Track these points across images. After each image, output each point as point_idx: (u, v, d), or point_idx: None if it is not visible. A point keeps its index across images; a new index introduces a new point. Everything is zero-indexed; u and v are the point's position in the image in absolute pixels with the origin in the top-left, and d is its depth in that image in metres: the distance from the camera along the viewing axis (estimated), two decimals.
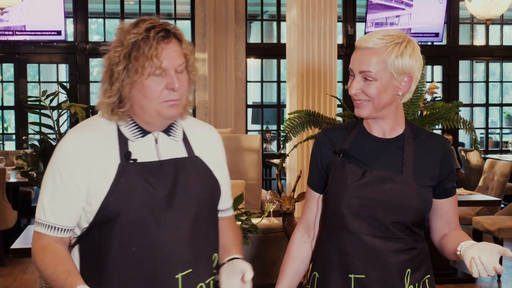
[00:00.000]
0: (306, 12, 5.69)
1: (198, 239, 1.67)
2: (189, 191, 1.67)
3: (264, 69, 9.49)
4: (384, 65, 1.81)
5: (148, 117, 1.66)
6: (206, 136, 1.82)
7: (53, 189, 1.65)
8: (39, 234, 1.68)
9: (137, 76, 1.60)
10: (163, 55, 1.60)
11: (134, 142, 1.68)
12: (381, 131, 1.92)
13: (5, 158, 7.41)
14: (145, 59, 1.59)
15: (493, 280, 5.65)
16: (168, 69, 1.62)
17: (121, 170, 1.62)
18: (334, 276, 1.88)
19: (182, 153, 1.72)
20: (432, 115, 3.69)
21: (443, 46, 9.49)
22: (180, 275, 1.63)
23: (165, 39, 1.62)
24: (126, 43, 1.60)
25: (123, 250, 1.61)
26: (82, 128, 1.71)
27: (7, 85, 9.31)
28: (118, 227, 1.60)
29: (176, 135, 1.74)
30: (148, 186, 1.63)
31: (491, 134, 10.45)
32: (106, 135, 1.67)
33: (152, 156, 1.68)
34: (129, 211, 1.60)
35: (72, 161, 1.63)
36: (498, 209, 6.40)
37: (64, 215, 1.65)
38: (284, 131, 3.95)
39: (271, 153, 9.11)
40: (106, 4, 8.68)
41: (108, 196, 1.60)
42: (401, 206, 1.83)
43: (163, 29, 1.62)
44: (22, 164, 5.12)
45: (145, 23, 1.62)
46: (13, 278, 5.71)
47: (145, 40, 1.59)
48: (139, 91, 1.62)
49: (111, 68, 1.62)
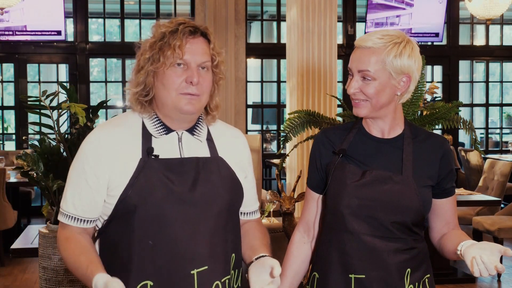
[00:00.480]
0: (306, 12, 5.69)
1: (215, 237, 1.69)
2: (209, 189, 1.69)
3: (264, 69, 9.49)
4: (382, 64, 1.81)
5: (168, 110, 1.70)
6: (232, 139, 1.85)
7: (76, 182, 1.71)
8: (63, 224, 1.74)
9: (159, 65, 1.65)
10: (186, 48, 1.66)
11: (158, 139, 1.71)
12: (380, 131, 1.92)
13: (5, 158, 7.41)
14: (169, 48, 1.64)
15: (493, 280, 5.65)
16: (191, 62, 1.67)
17: (141, 165, 1.66)
18: (334, 276, 1.88)
19: (205, 153, 1.75)
20: (432, 115, 3.69)
21: (443, 46, 9.50)
22: (195, 271, 1.65)
23: (192, 34, 1.68)
24: (156, 34, 1.68)
25: (140, 244, 1.64)
26: (109, 123, 1.76)
27: (7, 85, 9.31)
28: (135, 221, 1.64)
29: (201, 135, 1.77)
30: (167, 181, 1.66)
31: (491, 134, 10.46)
32: (131, 131, 1.72)
33: (175, 153, 1.71)
34: (147, 205, 1.63)
35: (95, 155, 1.68)
36: (498, 209, 6.40)
37: (85, 207, 1.70)
38: (284, 131, 3.95)
39: (271, 153, 9.11)
40: (106, 4, 8.68)
41: (127, 189, 1.64)
42: (401, 206, 1.84)
43: (192, 25, 1.69)
44: (22, 164, 5.12)
45: (178, 19, 1.70)
46: (13, 278, 5.71)
47: (173, 33, 1.66)
48: (160, 80, 1.67)
49: (139, 58, 1.69)
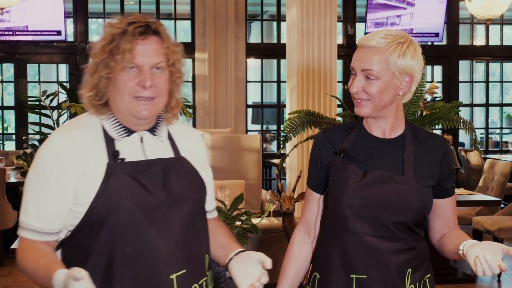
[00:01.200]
0: (306, 12, 5.69)
1: (190, 239, 1.65)
2: (178, 191, 1.65)
3: (264, 69, 9.49)
4: (386, 64, 1.81)
5: (123, 114, 1.64)
6: (190, 137, 1.80)
7: (38, 192, 1.60)
8: (23, 239, 1.62)
9: (110, 70, 1.58)
10: (137, 51, 1.58)
11: (120, 142, 1.65)
12: (381, 131, 1.92)
13: (5, 158, 7.40)
14: (118, 53, 1.57)
15: (493, 280, 5.65)
16: (143, 65, 1.60)
17: (109, 170, 1.58)
18: (335, 277, 1.88)
19: (168, 153, 1.70)
20: (432, 115, 3.69)
21: (443, 46, 9.49)
22: (174, 276, 1.61)
23: (143, 35, 1.59)
24: (105, 37, 1.60)
25: (116, 252, 1.56)
26: (68, 127, 1.67)
27: (7, 85, 9.31)
28: (106, 228, 1.56)
29: (161, 135, 1.72)
30: (137, 185, 1.60)
31: (491, 134, 10.45)
32: (92, 134, 1.64)
33: (139, 155, 1.65)
34: (119, 211, 1.56)
35: (58, 162, 1.58)
36: (498, 209, 6.40)
37: (50, 219, 1.60)
38: (284, 131, 3.96)
39: (271, 153, 9.11)
40: (106, 4, 8.68)
41: (98, 197, 1.56)
42: (402, 206, 1.84)
43: (143, 25, 1.60)
44: (22, 164, 5.14)
45: (128, 18, 1.61)
46: (13, 278, 5.71)
47: (122, 35, 1.58)
48: (113, 85, 1.61)
49: (91, 61, 1.62)
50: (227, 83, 8.61)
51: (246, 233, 3.58)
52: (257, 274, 1.63)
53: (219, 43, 8.54)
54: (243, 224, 3.51)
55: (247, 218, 3.53)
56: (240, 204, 3.52)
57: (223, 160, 6.57)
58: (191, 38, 8.88)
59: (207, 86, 8.60)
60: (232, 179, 5.73)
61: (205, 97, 8.72)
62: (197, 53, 8.72)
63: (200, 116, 8.76)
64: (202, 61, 8.69)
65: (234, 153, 6.61)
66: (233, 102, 8.65)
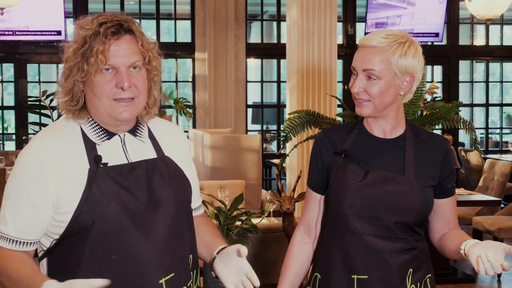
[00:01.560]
0: (306, 12, 5.69)
1: (176, 241, 1.63)
2: (163, 193, 1.61)
3: (264, 69, 9.49)
4: (388, 64, 1.81)
5: (103, 117, 1.59)
6: (172, 135, 1.76)
7: (16, 202, 1.55)
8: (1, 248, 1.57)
9: (85, 73, 1.53)
10: (110, 52, 1.53)
11: (101, 146, 1.60)
12: (382, 131, 1.92)
13: (5, 158, 7.40)
14: (91, 55, 1.52)
15: (493, 280, 5.65)
16: (119, 66, 1.55)
17: (92, 176, 1.53)
18: (336, 277, 1.88)
19: (151, 154, 1.66)
20: (432, 115, 3.69)
21: (443, 46, 9.50)
22: (163, 280, 1.58)
23: (115, 35, 1.55)
24: (77, 39, 1.56)
25: (101, 259, 1.53)
26: (45, 133, 1.61)
27: (7, 85, 9.31)
28: (92, 236, 1.52)
29: (143, 135, 1.67)
30: (122, 190, 1.55)
31: (491, 134, 10.46)
32: (71, 139, 1.59)
33: (121, 159, 1.60)
34: (105, 218, 1.52)
35: (37, 169, 1.53)
36: (498, 209, 6.40)
37: (29, 229, 1.55)
38: (284, 131, 3.96)
39: (271, 153, 9.11)
40: (106, 4, 8.68)
41: (81, 205, 1.51)
42: (404, 206, 1.84)
43: (114, 24, 1.55)
44: None
45: (99, 18, 1.57)
46: None
47: (94, 36, 1.53)
48: (90, 88, 1.56)
49: (64, 65, 1.57)
50: (227, 83, 8.61)
51: (246, 233, 3.58)
52: (239, 267, 1.61)
53: (219, 43, 8.54)
54: (243, 224, 3.51)
55: (247, 218, 3.53)
56: (240, 204, 3.52)
57: (223, 160, 6.57)
58: (191, 38, 8.88)
59: (207, 86, 8.60)
60: (232, 179, 5.73)
61: (205, 97, 8.72)
62: (197, 53, 8.72)
63: (200, 116, 8.77)
64: (202, 61, 8.69)
65: (234, 153, 6.61)
66: (233, 102, 8.65)
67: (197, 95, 8.78)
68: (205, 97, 8.71)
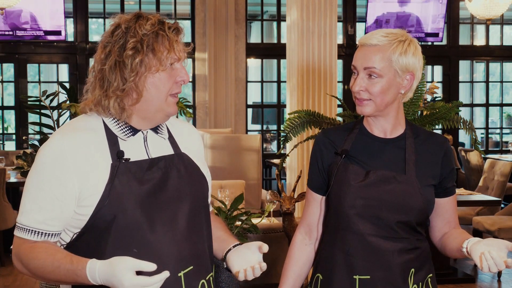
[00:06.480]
0: (306, 12, 5.69)
1: (194, 235, 1.67)
2: (182, 188, 1.66)
3: (264, 69, 9.49)
4: (389, 62, 1.82)
5: (150, 112, 1.64)
6: (188, 133, 1.82)
7: (38, 195, 1.57)
8: (21, 239, 1.58)
9: (154, 69, 1.59)
10: (179, 48, 1.64)
11: (125, 141, 1.64)
12: (382, 131, 1.92)
13: (5, 158, 7.40)
14: (165, 50, 1.60)
15: (493, 280, 5.65)
16: (180, 61, 1.65)
17: (114, 171, 1.57)
18: (338, 278, 1.88)
19: (169, 151, 1.71)
20: (432, 115, 3.69)
21: (443, 46, 9.49)
22: (182, 273, 1.62)
23: (178, 33, 1.66)
24: (139, 35, 1.62)
25: (124, 253, 1.52)
26: (70, 127, 1.64)
27: (7, 85, 9.31)
28: (114, 230, 1.56)
29: (163, 133, 1.73)
30: (142, 185, 1.59)
31: (491, 134, 10.45)
32: (93, 134, 1.62)
33: (142, 154, 1.65)
34: (126, 212, 1.55)
35: (60, 163, 1.55)
36: (498, 209, 6.40)
37: (50, 221, 1.57)
38: (284, 131, 3.96)
39: (271, 153, 9.11)
40: (106, 4, 8.68)
41: (103, 198, 1.55)
42: (405, 206, 1.84)
43: (173, 24, 1.67)
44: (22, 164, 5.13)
45: (154, 17, 1.68)
46: (13, 278, 5.71)
47: (162, 33, 1.62)
48: (152, 83, 1.61)
49: (122, 61, 1.58)
50: (227, 83, 8.61)
51: (246, 233, 3.58)
52: (254, 260, 1.67)
53: (219, 43, 8.54)
54: (243, 224, 3.52)
55: (247, 218, 3.53)
56: (240, 204, 3.53)
57: (223, 160, 6.57)
58: (191, 38, 8.88)
59: (207, 86, 8.60)
60: (232, 179, 5.73)
61: (205, 97, 8.72)
62: (197, 53, 8.72)
63: (200, 116, 8.76)
64: (202, 61, 8.69)
65: (234, 153, 6.61)
66: (233, 102, 8.65)
67: (197, 95, 8.78)
68: (205, 97, 8.71)
